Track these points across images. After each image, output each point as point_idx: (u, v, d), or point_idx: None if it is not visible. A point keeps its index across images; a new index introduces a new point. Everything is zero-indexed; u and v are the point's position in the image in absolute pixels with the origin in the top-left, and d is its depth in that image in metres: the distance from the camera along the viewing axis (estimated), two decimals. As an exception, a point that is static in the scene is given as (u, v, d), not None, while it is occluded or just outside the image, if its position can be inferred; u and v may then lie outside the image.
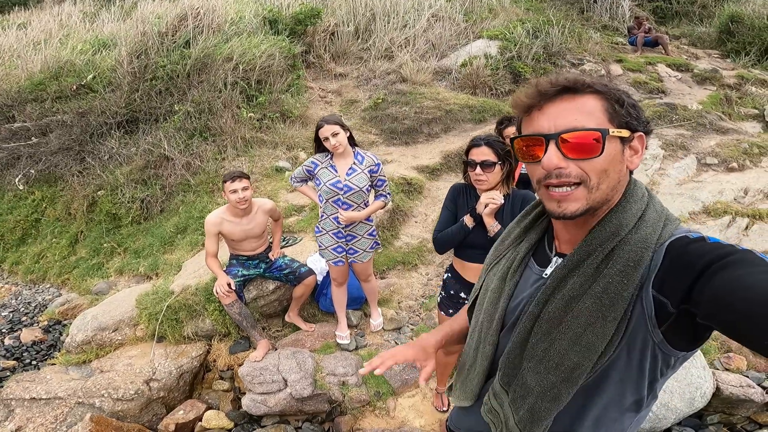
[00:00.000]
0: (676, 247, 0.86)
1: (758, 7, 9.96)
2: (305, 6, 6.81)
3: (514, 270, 1.12)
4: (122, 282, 4.90)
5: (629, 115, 0.89)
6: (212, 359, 3.59)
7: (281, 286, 3.72)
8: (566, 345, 0.95)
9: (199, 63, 6.42)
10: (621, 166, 0.91)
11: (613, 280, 0.89)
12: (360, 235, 3.15)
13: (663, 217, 0.92)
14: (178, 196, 5.71)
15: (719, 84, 8.03)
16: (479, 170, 2.17)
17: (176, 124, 6.17)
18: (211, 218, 3.32)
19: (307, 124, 6.08)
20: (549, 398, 1.00)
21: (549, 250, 1.09)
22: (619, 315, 0.89)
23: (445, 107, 5.90)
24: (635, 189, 0.94)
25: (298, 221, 4.66)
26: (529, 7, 8.04)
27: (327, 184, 2.98)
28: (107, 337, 3.70)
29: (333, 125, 2.87)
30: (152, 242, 5.25)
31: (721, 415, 2.99)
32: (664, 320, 0.86)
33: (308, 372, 3.01)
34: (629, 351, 0.92)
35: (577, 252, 0.94)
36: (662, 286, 0.85)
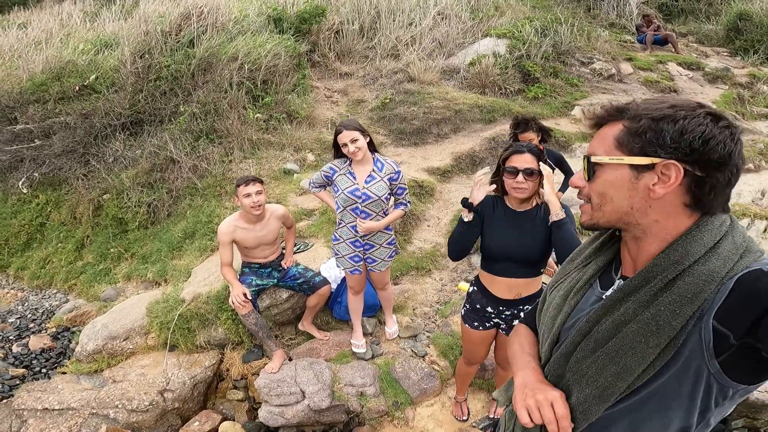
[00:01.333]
0: (747, 280, 0.83)
1: (766, 4, 9.88)
2: (310, 4, 6.74)
3: (577, 290, 1.13)
4: (130, 288, 4.87)
5: (650, 142, 0.87)
6: (225, 368, 3.57)
7: (294, 294, 3.69)
8: (605, 363, 0.96)
9: (204, 63, 6.36)
10: (631, 193, 0.92)
11: (665, 309, 0.88)
12: (379, 244, 3.10)
13: (741, 249, 0.88)
14: (186, 200, 5.67)
15: (731, 83, 7.99)
16: (521, 177, 2.12)
17: (182, 125, 6.11)
18: (223, 227, 3.27)
19: (314, 125, 6.03)
20: (580, 411, 1.02)
21: (615, 274, 1.08)
22: (662, 343, 0.88)
23: (454, 107, 5.84)
24: (712, 218, 0.90)
25: (309, 226, 4.61)
26: (535, 4, 7.97)
27: (345, 191, 2.90)
28: (118, 346, 3.67)
29: (352, 131, 2.80)
30: (160, 247, 5.21)
31: (745, 420, 2.99)
32: (722, 351, 0.84)
33: (326, 383, 2.99)
34: (680, 378, 0.90)
35: (637, 277, 0.94)
36: (725, 318, 0.83)
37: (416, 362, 3.31)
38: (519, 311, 2.35)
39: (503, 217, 2.23)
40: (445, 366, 3.34)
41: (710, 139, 0.84)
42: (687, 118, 0.85)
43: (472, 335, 2.51)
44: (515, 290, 2.29)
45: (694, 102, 0.91)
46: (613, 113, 0.94)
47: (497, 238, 2.21)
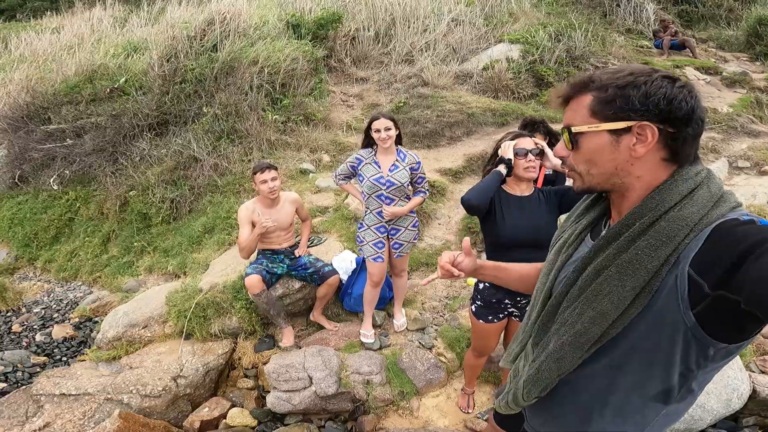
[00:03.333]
0: (722, 228, 0.85)
1: None
2: (327, 11, 6.87)
3: (569, 244, 1.16)
4: (151, 280, 5.01)
5: (622, 105, 0.91)
6: (237, 357, 3.64)
7: (306, 285, 3.76)
8: (582, 309, 0.98)
9: (226, 66, 6.52)
10: (614, 156, 0.95)
11: (641, 252, 0.90)
12: (404, 227, 3.26)
13: (716, 198, 0.90)
14: (206, 197, 5.81)
15: (749, 87, 7.84)
16: (531, 156, 2.19)
17: (204, 126, 6.28)
18: (243, 207, 3.43)
19: (329, 128, 6.12)
20: (554, 359, 1.05)
21: (604, 227, 1.12)
22: (638, 284, 0.90)
23: (467, 111, 5.87)
24: (688, 169, 0.94)
25: (323, 222, 4.69)
26: (550, 11, 7.96)
27: (370, 179, 3.11)
28: (137, 333, 3.77)
29: (388, 120, 3.05)
30: (181, 241, 5.35)
31: (757, 418, 2.92)
32: (697, 302, 0.84)
33: (333, 370, 3.03)
34: (656, 331, 0.91)
35: (617, 225, 0.97)
36: (700, 266, 0.84)
37: (423, 353, 3.33)
38: None
39: (508, 204, 2.24)
40: (452, 358, 3.35)
41: (673, 99, 0.89)
42: (647, 83, 0.91)
43: (485, 329, 2.48)
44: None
45: (649, 67, 0.97)
46: (579, 87, 0.98)
47: (507, 225, 2.21)
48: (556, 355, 1.04)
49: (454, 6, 7.54)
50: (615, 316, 0.93)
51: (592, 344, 0.98)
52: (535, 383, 1.11)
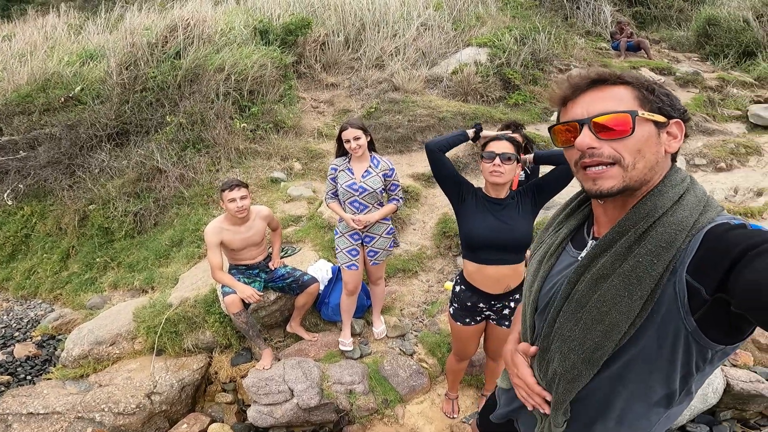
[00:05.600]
0: (715, 233, 0.87)
1: (733, 9, 10.17)
2: (296, 16, 6.84)
3: (551, 254, 1.17)
4: (117, 296, 4.85)
5: (662, 102, 0.95)
6: (214, 371, 3.58)
7: (282, 297, 3.72)
8: (590, 323, 0.98)
9: (191, 73, 6.42)
10: (658, 149, 0.95)
11: (643, 260, 0.91)
12: (378, 234, 3.27)
13: (703, 202, 0.93)
14: (173, 209, 5.68)
15: (701, 86, 8.18)
16: (498, 161, 2.16)
17: (168, 135, 6.15)
18: (210, 229, 3.31)
19: (300, 135, 6.09)
20: (568, 379, 1.04)
21: (587, 235, 1.13)
22: (645, 293, 0.90)
23: (438, 115, 5.96)
24: (676, 174, 0.97)
25: (296, 231, 4.66)
26: (515, 14, 8.18)
27: (344, 185, 3.15)
28: (104, 350, 3.68)
29: (357, 129, 3.06)
30: (147, 256, 5.21)
31: (733, 411, 3.02)
32: (697, 308, 0.86)
33: (314, 381, 3.01)
34: (659, 338, 0.92)
35: (611, 232, 0.98)
36: (697, 272, 0.85)
37: (404, 360, 3.35)
38: (509, 302, 2.40)
39: (483, 205, 2.28)
40: (434, 364, 3.38)
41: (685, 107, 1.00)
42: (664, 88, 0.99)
43: (463, 332, 2.54)
44: (503, 282, 2.32)
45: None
46: (611, 77, 0.98)
47: (480, 226, 2.25)
48: (570, 375, 1.03)
49: (423, 10, 7.65)
50: (625, 327, 0.93)
51: (605, 358, 0.98)
52: (557, 410, 1.10)
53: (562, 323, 1.05)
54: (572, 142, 0.98)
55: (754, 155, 6.44)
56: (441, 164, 2.40)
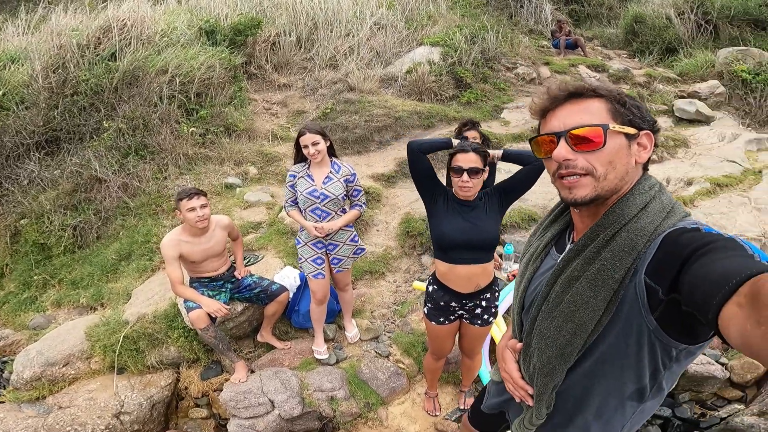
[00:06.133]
0: (671, 236, 0.94)
1: (657, 6, 11.00)
2: (245, 16, 6.67)
3: (536, 256, 1.27)
4: (62, 315, 4.57)
5: (632, 114, 1.03)
6: (184, 387, 3.48)
7: (250, 307, 3.64)
8: (562, 322, 1.08)
9: (129, 76, 6.11)
10: (628, 160, 1.02)
11: (608, 263, 1.00)
12: (341, 242, 3.22)
13: (667, 209, 1.01)
14: (117, 221, 5.39)
15: (632, 83, 8.78)
16: (466, 177, 2.23)
17: (106, 142, 5.82)
18: (167, 242, 3.16)
19: (254, 138, 5.97)
20: (544, 373, 1.14)
21: (567, 240, 1.23)
22: (609, 294, 1.00)
23: (394, 114, 6.04)
24: (644, 182, 1.05)
25: (258, 238, 4.57)
26: (464, 13, 8.42)
27: (304, 193, 3.05)
28: (58, 372, 3.50)
29: (315, 134, 2.97)
30: (92, 271, 4.92)
31: (690, 393, 3.25)
32: (656, 307, 0.93)
33: (294, 391, 2.99)
34: (625, 336, 1.01)
35: (583, 238, 1.07)
36: (654, 274, 0.93)
37: (382, 362, 3.39)
38: (480, 300, 2.50)
39: (454, 208, 2.36)
40: (410, 363, 3.45)
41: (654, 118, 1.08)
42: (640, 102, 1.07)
43: (438, 331, 2.61)
44: (474, 281, 2.42)
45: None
46: (585, 90, 1.05)
47: (449, 227, 2.33)
48: (545, 370, 1.14)
49: (375, 9, 7.70)
50: (592, 325, 1.03)
51: (575, 354, 1.08)
52: (539, 402, 1.20)
53: (541, 321, 1.15)
54: (551, 154, 1.05)
55: (681, 147, 7.04)
56: (420, 164, 2.44)
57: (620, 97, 1.04)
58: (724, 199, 5.61)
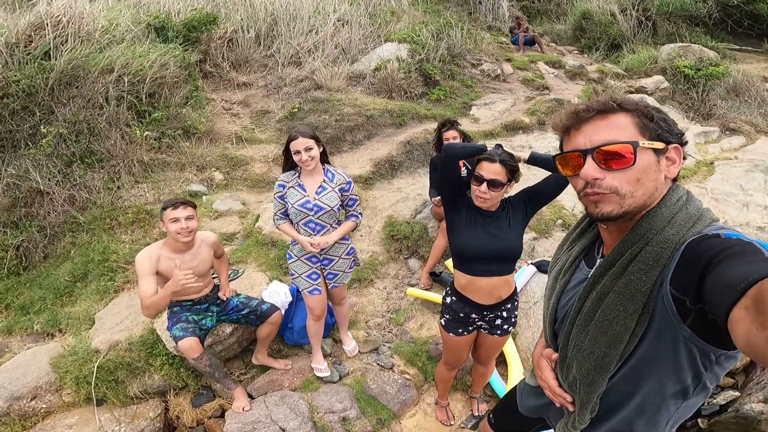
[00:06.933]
0: (692, 245, 0.95)
1: (602, 3, 11.58)
2: (199, 11, 6.31)
3: (565, 270, 1.30)
4: (15, 342, 4.15)
5: (660, 129, 1.03)
6: (174, 416, 3.27)
7: (239, 327, 3.45)
8: (596, 335, 1.11)
9: (67, 76, 5.65)
10: (657, 175, 1.03)
11: (634, 278, 1.02)
12: (337, 256, 3.07)
13: (694, 218, 1.02)
14: (66, 238, 4.98)
15: (587, 79, 9.21)
16: (485, 188, 2.18)
17: (46, 149, 5.35)
18: (143, 254, 2.86)
19: (216, 140, 5.68)
20: (586, 383, 1.18)
21: (597, 254, 1.25)
22: (638, 308, 1.02)
23: (366, 113, 5.95)
24: (672, 195, 1.06)
25: (234, 251, 4.36)
26: (426, 9, 8.46)
27: (296, 205, 2.84)
28: (27, 406, 3.24)
29: (308, 139, 2.74)
30: (43, 294, 4.51)
31: None
32: (686, 316, 0.94)
33: (305, 416, 2.87)
34: (660, 344, 1.03)
35: (612, 253, 1.09)
36: (678, 284, 0.94)
37: (388, 375, 3.34)
38: (501, 311, 2.48)
39: (476, 220, 2.32)
40: (416, 374, 3.42)
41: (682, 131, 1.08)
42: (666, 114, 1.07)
43: (456, 342, 2.57)
44: (495, 293, 2.38)
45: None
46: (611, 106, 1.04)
47: (470, 239, 2.29)
48: (587, 381, 1.17)
49: (338, 5, 7.54)
50: (626, 338, 1.06)
51: (614, 364, 1.11)
52: (582, 408, 1.24)
53: (576, 334, 1.18)
54: (578, 170, 1.05)
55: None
56: (452, 171, 2.35)
57: (647, 111, 1.04)
58: (684, 191, 6.00)
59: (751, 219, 5.39)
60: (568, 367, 1.24)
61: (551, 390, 1.34)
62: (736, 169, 6.39)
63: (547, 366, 1.36)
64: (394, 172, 5.50)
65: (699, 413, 3.23)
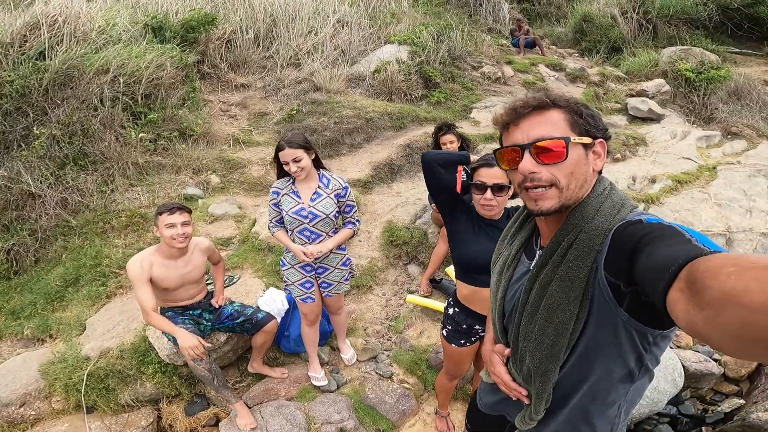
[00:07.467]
0: (619, 231, 1.01)
1: (602, 6, 11.57)
2: (197, 12, 6.24)
3: (508, 265, 1.35)
4: (5, 347, 4.08)
5: (588, 124, 1.10)
6: (167, 424, 3.19)
7: (234, 335, 3.37)
8: (544, 324, 1.15)
9: (61, 76, 5.58)
10: (586, 168, 1.10)
11: (572, 265, 1.08)
12: (332, 266, 2.97)
13: (618, 206, 1.09)
14: (57, 242, 4.89)
15: (587, 81, 9.17)
16: (489, 194, 2.08)
17: (38, 151, 5.27)
18: (135, 263, 2.78)
19: (212, 143, 5.60)
20: (540, 373, 1.21)
21: (536, 246, 1.30)
22: (579, 294, 1.07)
23: (365, 115, 5.87)
24: (598, 186, 1.13)
25: (230, 256, 4.28)
26: (426, 11, 8.41)
27: (290, 212, 2.75)
28: (16, 413, 3.18)
29: (295, 149, 2.62)
30: (34, 299, 4.43)
31: (691, 390, 3.38)
32: (622, 300, 0.99)
33: (301, 426, 2.79)
34: (602, 330, 1.08)
35: (550, 243, 1.14)
36: (611, 269, 0.99)
37: (387, 384, 3.26)
38: None
39: (480, 228, 2.22)
40: (415, 383, 3.34)
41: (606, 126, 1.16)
42: (593, 110, 1.15)
43: (458, 353, 2.50)
44: None
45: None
46: (546, 103, 1.10)
47: (473, 249, 2.19)
48: (540, 370, 1.21)
49: (338, 6, 7.49)
50: (571, 324, 1.10)
51: (564, 352, 1.15)
52: (538, 398, 1.27)
53: (525, 325, 1.22)
54: (516, 165, 1.10)
55: (641, 145, 7.41)
56: (436, 178, 2.30)
57: (577, 107, 1.11)
58: (686, 196, 5.93)
59: (754, 224, 5.33)
60: (521, 359, 1.27)
61: (505, 385, 1.37)
62: (738, 174, 6.33)
63: (499, 361, 1.40)
64: (394, 176, 5.43)
65: (703, 421, 3.16)
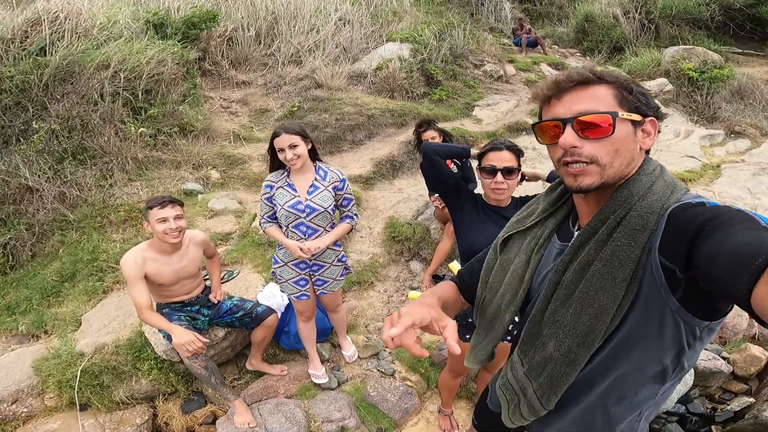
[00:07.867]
0: (676, 213, 0.94)
1: (604, 6, 11.53)
2: (200, 9, 6.19)
3: (540, 246, 1.23)
4: None
5: (639, 101, 1.03)
6: (163, 422, 3.12)
7: (232, 331, 3.28)
8: (580, 308, 1.04)
9: (62, 71, 5.53)
10: (633, 146, 1.03)
11: (621, 243, 0.98)
12: (328, 262, 2.86)
13: (671, 186, 1.02)
14: (55, 236, 4.83)
15: (590, 81, 9.14)
16: (500, 177, 2.07)
17: (37, 145, 5.23)
18: (128, 259, 2.67)
19: (213, 138, 5.54)
20: (566, 362, 1.10)
21: (572, 227, 1.19)
22: (627, 276, 0.97)
23: (366, 112, 5.82)
24: (647, 165, 1.06)
25: (229, 251, 4.21)
26: (428, 10, 8.37)
27: (285, 207, 2.62)
28: (8, 410, 3.12)
29: (292, 135, 2.52)
30: (30, 295, 4.35)
31: (699, 389, 3.32)
32: (677, 287, 0.91)
33: (302, 425, 2.71)
34: (647, 318, 0.99)
35: (592, 221, 1.05)
36: (667, 253, 0.92)
37: (389, 382, 3.18)
38: None
39: (485, 214, 2.19)
40: (418, 381, 3.26)
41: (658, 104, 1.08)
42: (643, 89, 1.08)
43: (464, 348, 2.43)
44: None
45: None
46: (593, 78, 1.04)
47: (481, 238, 2.12)
48: (567, 359, 1.09)
49: (340, 4, 7.45)
50: (614, 309, 1.00)
51: (599, 340, 1.04)
52: (552, 389, 1.14)
53: (554, 310, 1.10)
54: (556, 140, 1.04)
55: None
56: (439, 169, 2.28)
57: (626, 83, 1.04)
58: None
59: (761, 223, 5.27)
60: (539, 347, 1.16)
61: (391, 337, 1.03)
62: (743, 173, 6.27)
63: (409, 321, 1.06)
64: (396, 173, 5.36)
65: (712, 420, 3.09)
